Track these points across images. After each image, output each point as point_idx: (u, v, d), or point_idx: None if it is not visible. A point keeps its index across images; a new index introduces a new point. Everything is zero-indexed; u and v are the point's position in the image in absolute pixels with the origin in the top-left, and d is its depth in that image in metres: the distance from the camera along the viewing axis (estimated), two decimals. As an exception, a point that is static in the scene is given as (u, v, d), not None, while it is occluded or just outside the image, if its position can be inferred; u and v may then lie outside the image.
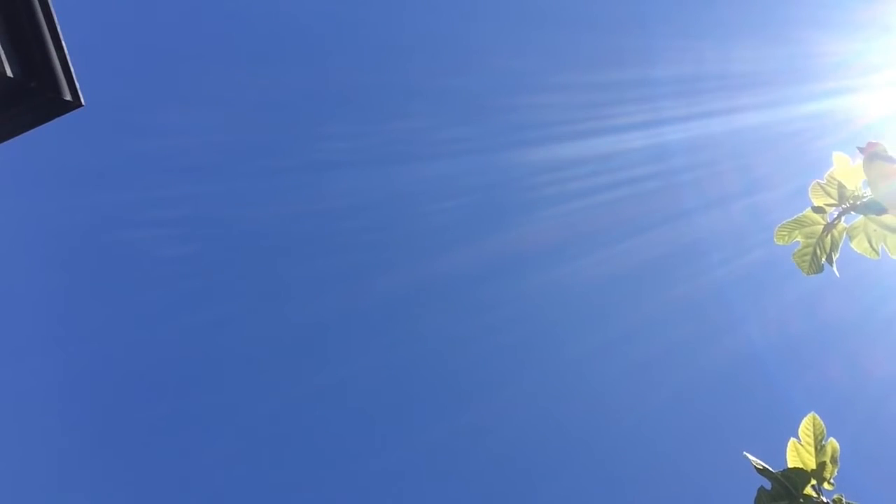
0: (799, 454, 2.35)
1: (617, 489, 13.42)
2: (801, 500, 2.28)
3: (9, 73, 4.69)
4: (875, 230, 2.30)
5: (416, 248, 14.71)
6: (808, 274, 2.43)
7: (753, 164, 12.93)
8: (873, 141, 2.15)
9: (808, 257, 2.42)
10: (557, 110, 13.74)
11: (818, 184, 2.34)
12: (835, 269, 2.42)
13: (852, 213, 2.32)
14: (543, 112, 13.83)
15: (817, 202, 2.36)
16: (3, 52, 4.65)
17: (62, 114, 5.14)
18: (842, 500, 2.29)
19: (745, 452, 2.35)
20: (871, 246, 2.32)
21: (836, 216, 2.36)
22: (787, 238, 2.43)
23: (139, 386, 13.86)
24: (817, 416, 2.36)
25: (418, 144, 14.44)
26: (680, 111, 12.96)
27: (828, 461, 2.33)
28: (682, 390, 13.26)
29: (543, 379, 14.03)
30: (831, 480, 2.33)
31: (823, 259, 2.41)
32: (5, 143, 5.20)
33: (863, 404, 11.32)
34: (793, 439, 2.37)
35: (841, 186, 2.29)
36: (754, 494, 2.30)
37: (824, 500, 2.29)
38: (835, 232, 2.36)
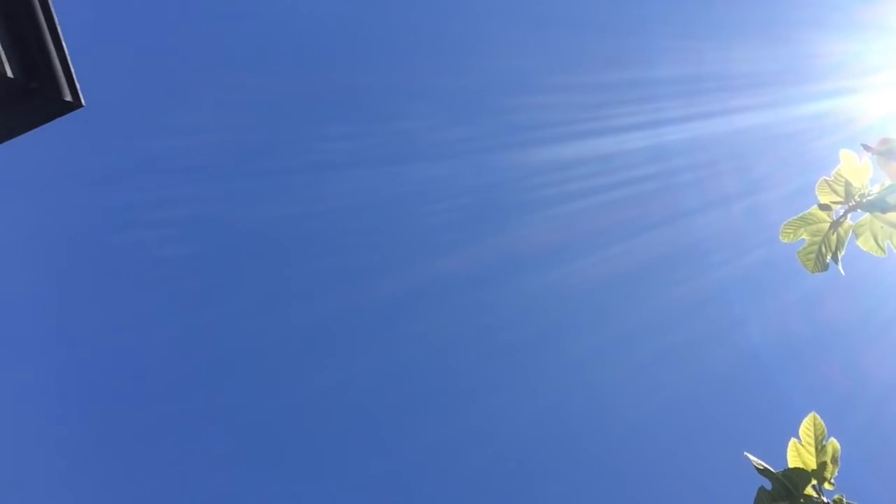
0: (799, 454, 2.35)
1: (617, 489, 13.44)
2: (802, 501, 2.27)
3: (9, 73, 4.69)
4: (881, 228, 2.30)
5: (416, 249, 14.72)
6: (812, 272, 2.43)
7: (753, 165, 12.94)
8: (887, 137, 2.15)
9: (813, 255, 2.41)
10: (557, 110, 13.75)
11: (826, 181, 2.33)
12: (840, 267, 2.41)
13: (858, 210, 2.31)
14: (543, 112, 13.83)
15: (824, 200, 2.35)
16: (3, 52, 4.65)
17: (62, 114, 5.13)
18: (842, 500, 2.29)
19: (745, 452, 2.34)
20: (878, 243, 2.32)
21: (841, 214, 2.36)
22: (792, 236, 2.43)
23: (139, 386, 13.87)
24: (818, 416, 2.36)
25: (418, 144, 14.45)
26: (680, 111, 12.97)
27: (828, 461, 2.32)
28: (682, 390, 13.27)
29: (544, 380, 14.04)
30: (832, 480, 2.32)
31: (829, 257, 2.40)
32: (5, 143, 5.20)
33: (864, 404, 11.32)
34: (793, 439, 2.37)
35: (848, 184, 2.28)
36: (754, 494, 2.30)
37: (825, 500, 2.29)
38: (840, 230, 2.35)
